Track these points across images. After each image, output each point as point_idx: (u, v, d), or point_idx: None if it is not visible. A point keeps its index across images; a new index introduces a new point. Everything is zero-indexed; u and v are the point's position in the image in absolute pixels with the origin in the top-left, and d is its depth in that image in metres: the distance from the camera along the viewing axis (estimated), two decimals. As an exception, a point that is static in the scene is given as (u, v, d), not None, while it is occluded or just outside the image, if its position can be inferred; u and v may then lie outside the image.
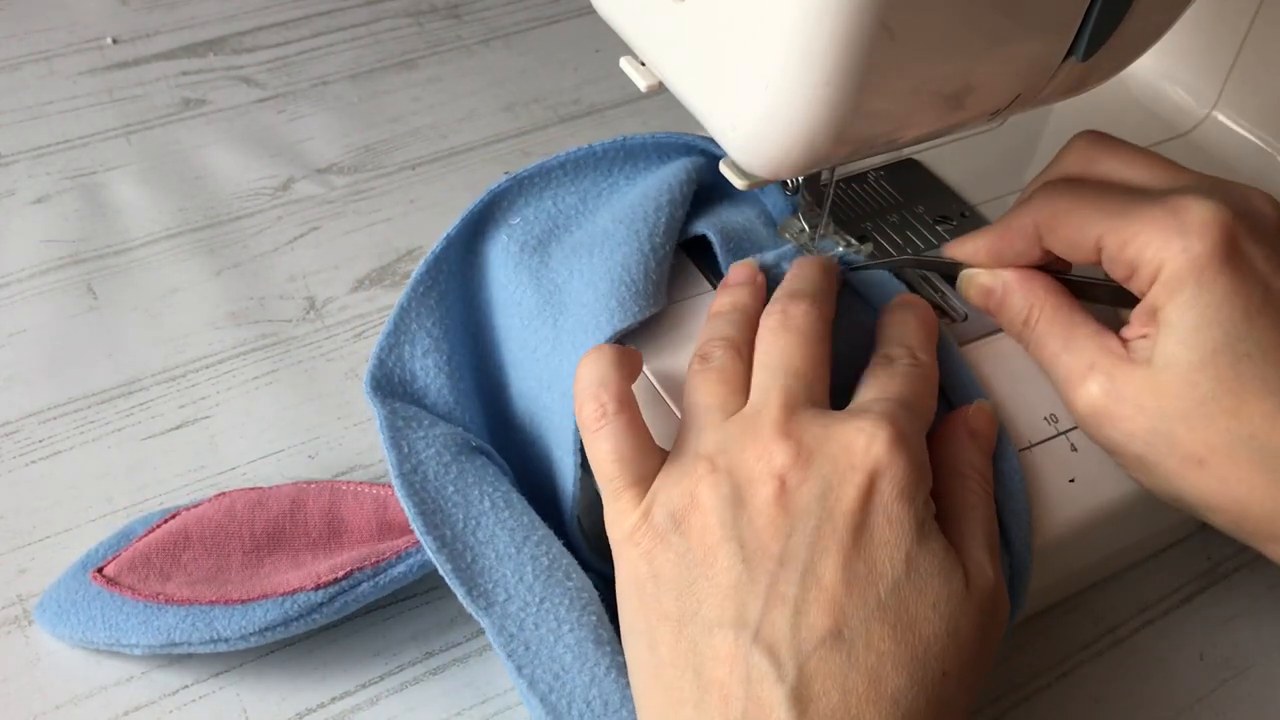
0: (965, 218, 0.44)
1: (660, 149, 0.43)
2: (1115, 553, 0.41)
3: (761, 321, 0.35)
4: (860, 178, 0.46)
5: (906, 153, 0.47)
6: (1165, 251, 0.32)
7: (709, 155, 0.43)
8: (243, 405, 0.48)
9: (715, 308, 0.38)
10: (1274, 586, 0.43)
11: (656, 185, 0.41)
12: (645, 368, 0.38)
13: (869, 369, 0.35)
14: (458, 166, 0.61)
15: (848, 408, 0.33)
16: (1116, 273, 0.34)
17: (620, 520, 0.33)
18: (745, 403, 0.33)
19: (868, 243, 0.42)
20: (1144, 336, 0.34)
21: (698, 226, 0.41)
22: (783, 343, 0.34)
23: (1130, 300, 0.35)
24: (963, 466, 0.34)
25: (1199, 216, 0.32)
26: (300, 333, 0.52)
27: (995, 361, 0.39)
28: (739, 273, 0.39)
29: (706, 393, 0.34)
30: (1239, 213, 0.32)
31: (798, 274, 0.38)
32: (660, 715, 0.31)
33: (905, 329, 0.36)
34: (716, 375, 0.34)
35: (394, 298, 0.53)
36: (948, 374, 0.37)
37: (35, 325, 0.51)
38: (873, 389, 0.34)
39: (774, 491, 0.30)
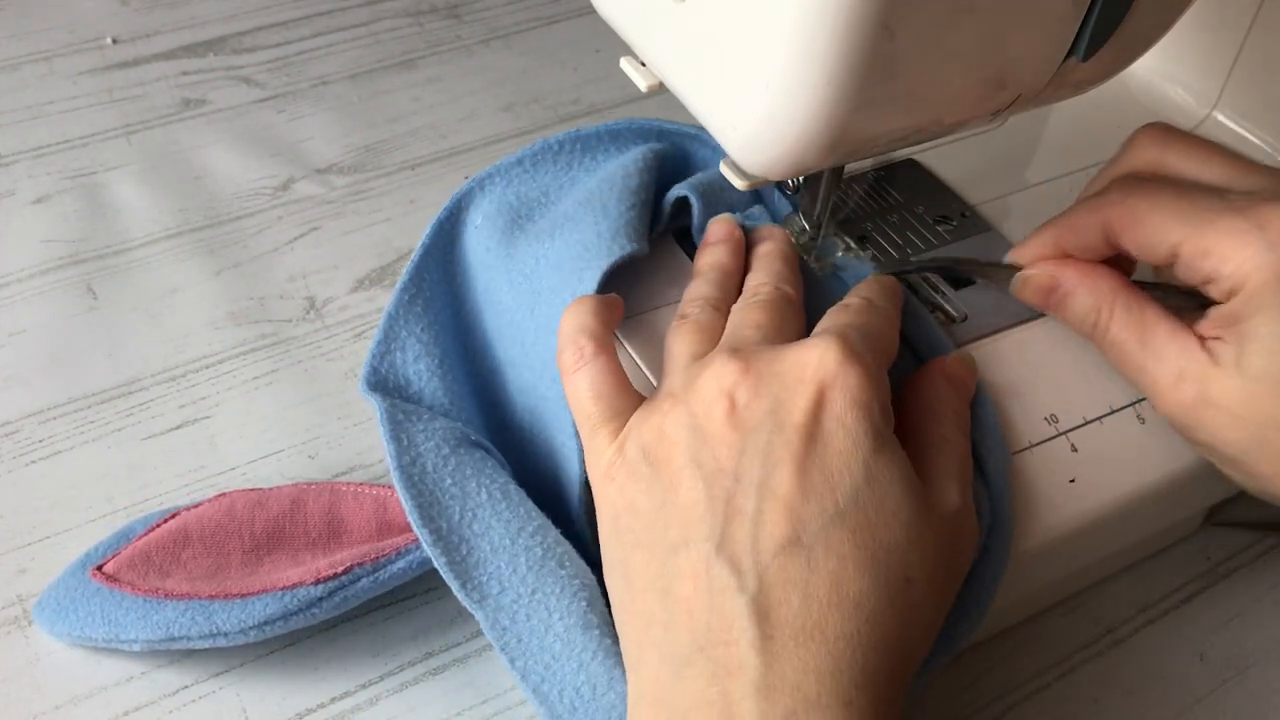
0: (965, 218, 0.44)
1: (616, 138, 0.43)
2: (1115, 553, 0.41)
3: (732, 310, 0.37)
4: (860, 178, 0.46)
5: (906, 153, 0.47)
6: (1249, 266, 0.32)
7: (667, 137, 0.43)
8: (243, 405, 0.48)
9: (696, 266, 0.39)
10: (1274, 586, 0.43)
11: (613, 170, 0.41)
12: (641, 366, 0.38)
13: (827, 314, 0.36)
14: (458, 166, 0.61)
15: None
16: (1191, 278, 0.34)
17: (597, 458, 0.34)
18: None
19: (868, 248, 0.42)
20: (1220, 339, 0.33)
21: (678, 189, 0.41)
22: (745, 310, 0.36)
23: (1185, 299, 0.35)
24: (939, 406, 0.35)
25: None
26: (300, 333, 0.52)
27: (995, 362, 0.39)
28: (717, 229, 0.40)
29: (682, 343, 0.35)
30: None
31: (762, 267, 0.38)
32: (636, 641, 0.32)
33: (864, 285, 0.37)
34: (692, 327, 0.36)
35: (394, 298, 0.53)
36: (918, 334, 0.38)
37: (35, 325, 0.51)
38: (825, 322, 0.35)
39: (725, 410, 0.31)
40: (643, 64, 0.37)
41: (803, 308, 0.37)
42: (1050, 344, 0.39)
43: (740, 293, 0.38)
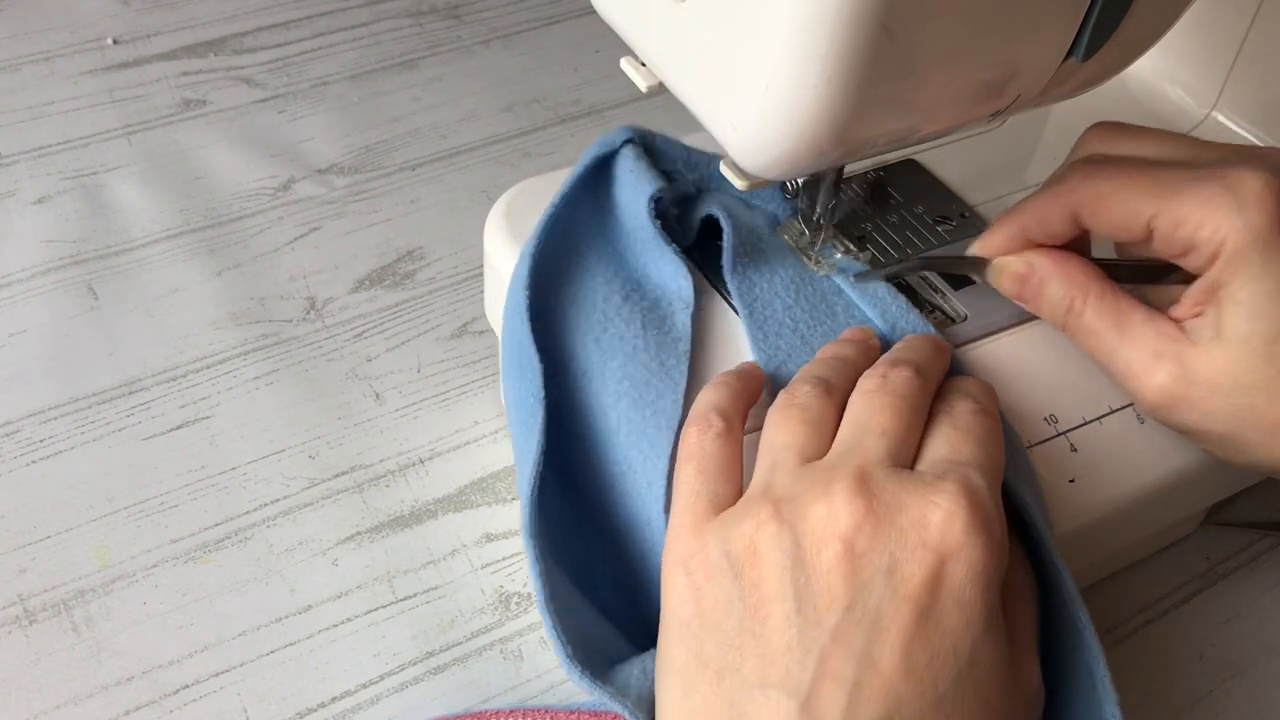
0: (965, 218, 0.44)
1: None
2: (1115, 553, 0.41)
3: (859, 384, 0.33)
4: (860, 178, 0.46)
5: (906, 153, 0.47)
6: (1224, 228, 0.32)
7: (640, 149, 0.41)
8: (243, 405, 0.48)
9: (818, 355, 0.37)
10: (1274, 586, 0.43)
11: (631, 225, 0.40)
12: None
13: (933, 420, 0.33)
14: (458, 166, 0.61)
15: (919, 466, 0.31)
16: (1168, 251, 0.34)
17: (678, 541, 0.32)
18: (826, 450, 0.32)
19: (867, 250, 0.42)
20: (1198, 315, 0.33)
21: (707, 208, 0.40)
22: (877, 403, 0.32)
23: (1151, 276, 0.35)
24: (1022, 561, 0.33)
25: (1255, 188, 0.31)
26: (300, 333, 0.52)
27: (995, 362, 0.39)
28: (852, 331, 0.38)
29: (785, 431, 0.32)
30: None
31: (907, 344, 0.36)
32: None
33: (964, 382, 0.35)
34: (799, 414, 0.33)
35: (394, 298, 0.53)
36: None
37: (36, 325, 0.51)
38: (943, 444, 0.32)
39: (837, 555, 0.29)
40: (643, 64, 0.37)
41: (931, 400, 0.34)
42: (1050, 344, 0.39)
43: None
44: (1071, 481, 0.36)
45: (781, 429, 0.33)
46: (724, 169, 0.36)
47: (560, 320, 0.40)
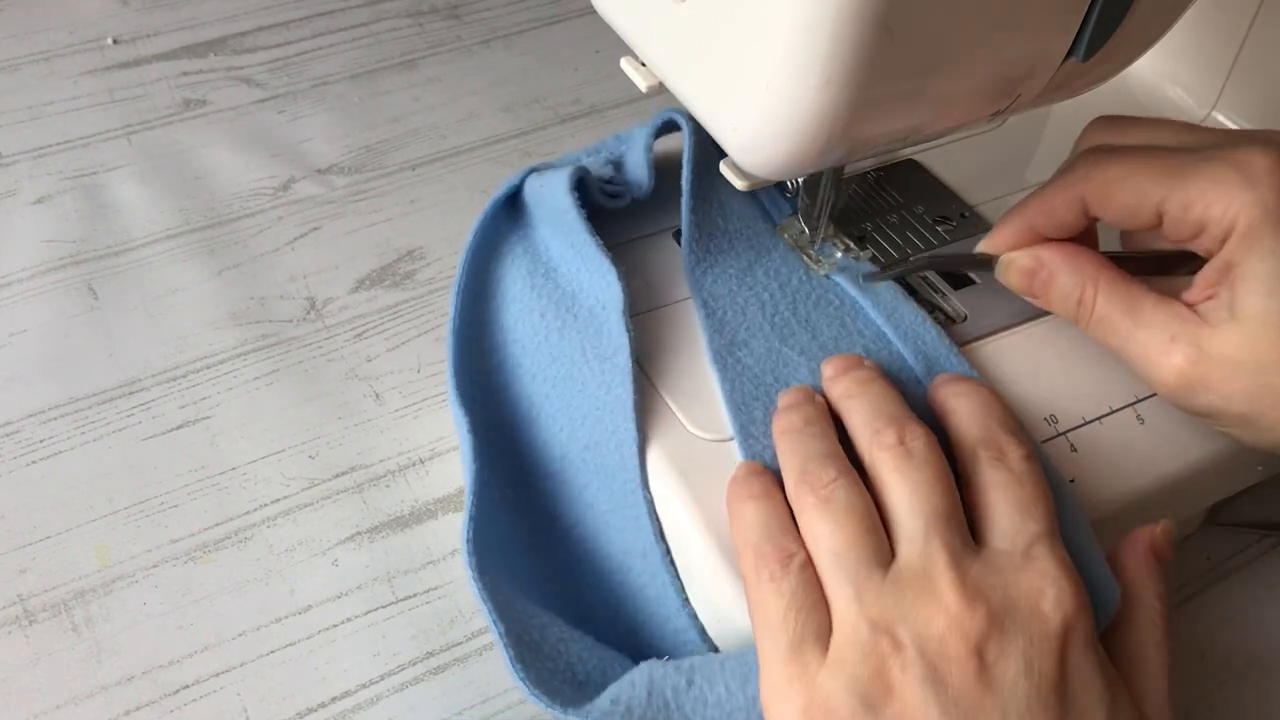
0: (965, 218, 0.44)
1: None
2: (1115, 553, 0.41)
3: (872, 453, 0.33)
4: (860, 178, 0.46)
5: (906, 153, 0.47)
6: (1235, 206, 0.32)
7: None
8: (243, 405, 0.48)
9: (784, 426, 0.35)
10: (1274, 586, 0.43)
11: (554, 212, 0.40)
12: (648, 371, 0.38)
13: (979, 477, 0.32)
14: (458, 166, 0.61)
15: (992, 540, 0.31)
16: (1180, 234, 0.34)
17: (788, 690, 0.30)
18: (888, 546, 0.31)
19: (867, 249, 0.42)
20: (1211, 298, 0.33)
21: (665, 113, 0.41)
22: (915, 480, 0.31)
23: (1159, 268, 0.35)
24: (1148, 596, 0.33)
25: (1263, 166, 0.31)
26: (300, 333, 0.52)
27: (995, 362, 0.39)
28: (793, 395, 0.36)
29: (843, 541, 0.31)
30: None
31: (863, 395, 0.35)
32: None
33: (987, 416, 0.34)
34: (845, 516, 0.31)
35: (394, 298, 0.53)
36: (923, 349, 0.38)
37: (35, 325, 0.51)
38: (1012, 512, 0.31)
39: (976, 669, 0.29)
40: (643, 64, 0.37)
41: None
42: (1050, 344, 0.39)
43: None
44: (1071, 481, 0.36)
45: (836, 537, 0.31)
46: (724, 168, 0.36)
47: (502, 361, 0.41)
